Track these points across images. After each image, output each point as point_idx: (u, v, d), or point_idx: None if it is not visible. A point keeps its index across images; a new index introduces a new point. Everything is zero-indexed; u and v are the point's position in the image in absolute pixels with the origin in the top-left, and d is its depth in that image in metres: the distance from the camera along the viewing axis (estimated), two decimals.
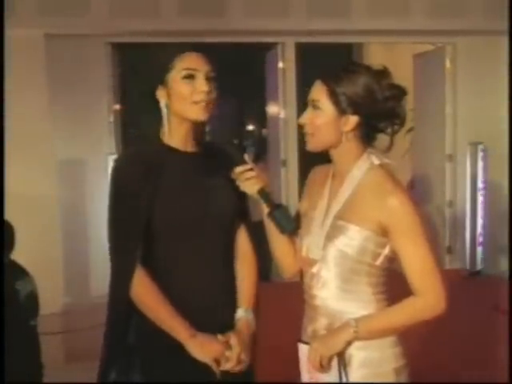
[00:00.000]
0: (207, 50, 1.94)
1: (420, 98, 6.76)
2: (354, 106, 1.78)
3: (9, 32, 4.15)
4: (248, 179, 1.83)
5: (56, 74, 5.43)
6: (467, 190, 6.39)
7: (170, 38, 5.14)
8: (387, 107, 1.79)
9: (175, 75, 1.89)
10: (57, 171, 5.50)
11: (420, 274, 1.74)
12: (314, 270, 1.86)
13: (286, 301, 2.09)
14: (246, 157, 1.85)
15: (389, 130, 1.83)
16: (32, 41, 5.22)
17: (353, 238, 1.77)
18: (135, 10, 5.43)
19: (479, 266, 6.34)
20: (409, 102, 1.86)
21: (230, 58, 10.01)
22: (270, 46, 6.41)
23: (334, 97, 1.78)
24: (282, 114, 6.25)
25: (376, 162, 1.82)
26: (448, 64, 6.35)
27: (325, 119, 1.80)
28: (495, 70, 6.12)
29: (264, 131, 11.70)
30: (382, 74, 1.80)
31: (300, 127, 1.87)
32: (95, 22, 5.41)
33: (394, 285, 1.84)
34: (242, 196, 1.94)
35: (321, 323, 1.86)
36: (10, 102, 4.25)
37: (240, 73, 11.52)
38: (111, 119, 5.90)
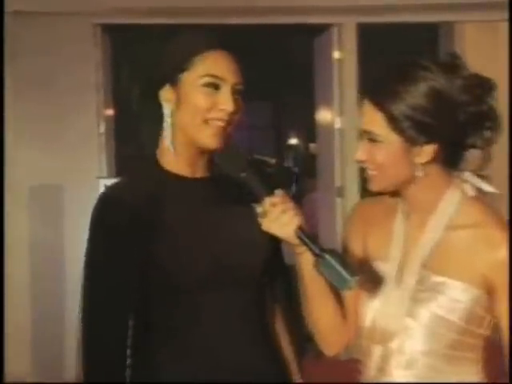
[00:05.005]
0: (229, 39, 1.94)
1: None
2: (426, 130, 1.78)
3: None
4: (278, 218, 1.78)
5: (25, 66, 5.43)
6: None
7: (178, 19, 5.27)
8: (470, 113, 1.80)
9: (193, 78, 1.89)
10: (26, 201, 5.51)
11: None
12: (393, 345, 1.85)
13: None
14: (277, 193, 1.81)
15: (479, 142, 1.83)
16: None
17: (457, 300, 1.80)
18: None
19: None
20: None
21: (262, 48, 10.43)
22: (320, 30, 6.26)
23: (394, 123, 1.78)
24: (338, 124, 6.08)
25: (470, 192, 1.86)
26: None
27: (389, 155, 1.81)
28: None
29: (312, 146, 11.75)
30: (452, 68, 1.80)
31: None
32: None
33: None
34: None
35: None
36: None
37: (278, 68, 11.95)
38: (102, 129, 5.79)
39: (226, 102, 1.87)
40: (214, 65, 1.88)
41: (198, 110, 1.88)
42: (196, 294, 1.91)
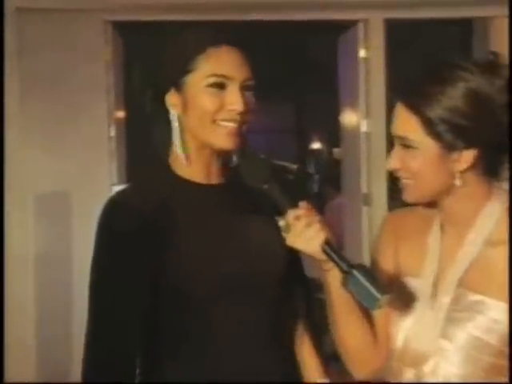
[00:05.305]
0: (246, 37, 1.96)
1: None
2: (465, 134, 1.76)
3: None
4: (302, 232, 1.77)
5: (32, 64, 5.39)
6: None
7: (192, 16, 5.20)
8: None
9: (198, 79, 1.89)
10: (32, 210, 5.49)
11: None
12: (426, 367, 1.84)
13: None
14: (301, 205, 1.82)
15: None
16: None
17: (496, 320, 1.77)
18: None
19: None
20: None
21: (284, 46, 10.55)
22: (345, 26, 6.25)
23: (430, 127, 1.77)
24: (364, 127, 6.01)
25: None
26: None
27: (424, 162, 1.81)
28: None
29: (336, 151, 11.65)
30: (492, 68, 1.77)
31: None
32: None
33: None
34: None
35: None
36: None
37: (300, 67, 11.90)
38: (112, 133, 5.74)
39: (234, 102, 1.86)
40: (217, 63, 1.88)
41: (205, 113, 1.88)
42: (207, 301, 1.93)
